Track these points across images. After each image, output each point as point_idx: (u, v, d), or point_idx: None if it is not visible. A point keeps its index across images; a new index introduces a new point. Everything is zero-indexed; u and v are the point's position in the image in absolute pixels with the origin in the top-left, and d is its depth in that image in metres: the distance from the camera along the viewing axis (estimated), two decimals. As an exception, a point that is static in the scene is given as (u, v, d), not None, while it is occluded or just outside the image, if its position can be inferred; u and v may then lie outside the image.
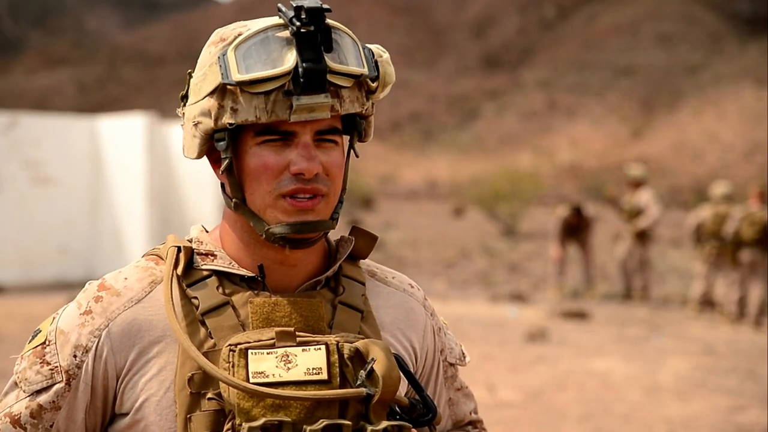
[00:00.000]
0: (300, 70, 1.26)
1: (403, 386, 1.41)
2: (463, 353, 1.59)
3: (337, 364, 1.29)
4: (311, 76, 1.26)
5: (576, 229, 13.03)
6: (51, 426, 1.34)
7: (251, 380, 1.26)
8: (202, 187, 14.12)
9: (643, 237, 12.20)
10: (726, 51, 53.86)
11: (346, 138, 1.40)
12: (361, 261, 1.49)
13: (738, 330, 10.33)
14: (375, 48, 1.37)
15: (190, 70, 1.40)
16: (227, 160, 1.34)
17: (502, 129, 51.16)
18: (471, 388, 1.63)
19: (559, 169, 42.16)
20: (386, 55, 1.37)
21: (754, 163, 38.59)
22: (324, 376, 1.28)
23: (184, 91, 1.39)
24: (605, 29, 60.97)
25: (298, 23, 1.26)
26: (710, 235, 11.10)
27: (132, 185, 13.56)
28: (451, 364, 1.56)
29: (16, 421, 1.35)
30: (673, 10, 60.19)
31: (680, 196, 32.96)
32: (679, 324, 10.57)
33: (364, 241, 1.47)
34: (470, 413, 1.60)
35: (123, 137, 13.69)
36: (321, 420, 1.25)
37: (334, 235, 1.48)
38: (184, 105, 1.39)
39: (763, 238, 10.62)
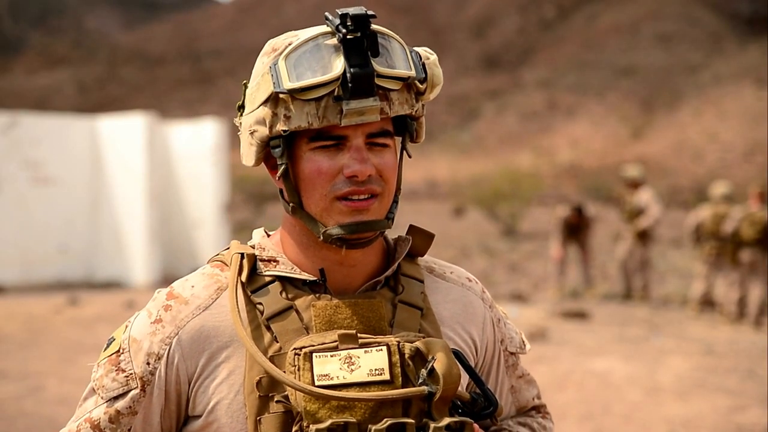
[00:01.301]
0: (348, 75, 1.30)
1: (464, 380, 1.45)
2: (524, 341, 1.63)
3: (398, 364, 1.33)
4: (359, 81, 1.30)
5: (576, 228, 13.04)
6: (129, 430, 1.41)
7: (316, 383, 1.31)
8: (202, 188, 14.12)
9: (644, 237, 12.20)
10: (726, 51, 53.86)
11: (399, 139, 1.44)
12: (419, 258, 1.53)
13: (738, 330, 10.33)
14: (422, 50, 1.41)
15: (245, 81, 1.45)
16: (283, 166, 1.38)
17: (502, 129, 51.17)
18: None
19: (559, 169, 42.15)
20: (434, 57, 1.41)
21: (754, 163, 38.59)
22: (386, 376, 1.32)
23: (241, 101, 1.45)
24: (605, 29, 60.98)
25: (344, 30, 1.31)
26: (710, 235, 11.10)
27: (132, 185, 13.56)
28: (512, 353, 1.60)
29: (95, 426, 1.40)
30: (673, 10, 60.20)
31: (680, 196, 32.96)
32: (679, 324, 10.57)
33: (421, 239, 1.51)
34: (533, 399, 1.65)
35: (123, 137, 13.69)
36: (385, 419, 1.29)
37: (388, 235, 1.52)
38: (241, 114, 1.44)
39: (763, 238, 10.63)
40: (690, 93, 48.47)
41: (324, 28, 1.35)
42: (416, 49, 1.41)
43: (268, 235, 1.50)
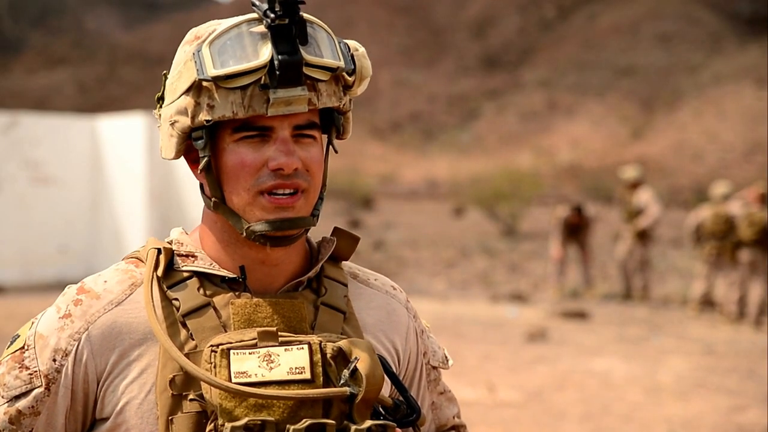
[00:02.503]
0: (276, 62, 1.25)
1: (387, 388, 1.39)
2: (446, 357, 1.58)
3: (320, 364, 1.28)
4: (287, 69, 1.25)
5: (576, 229, 13.04)
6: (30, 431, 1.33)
7: (233, 380, 1.25)
8: (202, 187, 14.12)
9: (643, 237, 12.21)
10: (726, 51, 53.83)
11: (325, 135, 1.39)
12: (343, 263, 1.48)
13: (738, 330, 10.33)
14: (351, 42, 1.37)
15: (165, 71, 1.39)
16: (205, 159, 1.33)
17: (502, 129, 51.15)
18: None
19: (559, 169, 42.13)
20: (362, 50, 1.36)
21: (754, 163, 38.58)
22: (307, 375, 1.27)
23: (160, 93, 1.39)
24: (605, 29, 60.94)
25: (272, 16, 1.25)
26: (710, 235, 11.11)
27: (132, 185, 13.56)
28: (434, 368, 1.55)
29: None
30: (673, 10, 60.16)
31: (680, 196, 32.94)
32: (679, 324, 10.57)
33: (345, 243, 1.46)
34: (453, 417, 1.59)
35: (123, 137, 13.69)
36: (305, 419, 1.24)
37: (318, 236, 1.47)
38: (161, 106, 1.38)
39: (763, 238, 10.63)
40: (690, 93, 48.45)
41: (250, 15, 1.30)
42: (345, 40, 1.36)
43: (187, 233, 1.45)
